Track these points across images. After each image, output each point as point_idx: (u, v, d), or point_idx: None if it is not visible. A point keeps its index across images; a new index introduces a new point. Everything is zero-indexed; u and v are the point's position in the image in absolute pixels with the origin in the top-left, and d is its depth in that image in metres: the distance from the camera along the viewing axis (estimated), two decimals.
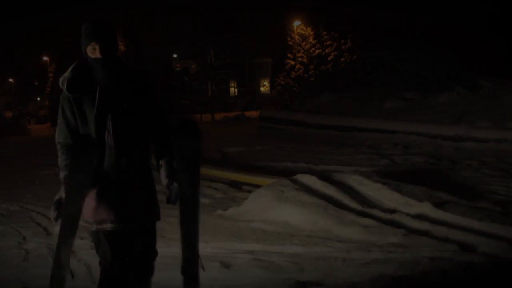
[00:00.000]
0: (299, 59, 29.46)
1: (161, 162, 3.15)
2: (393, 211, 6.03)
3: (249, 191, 7.68)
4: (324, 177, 7.14)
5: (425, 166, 9.83)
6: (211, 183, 9.05)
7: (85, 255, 5.20)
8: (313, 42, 28.94)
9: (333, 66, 27.45)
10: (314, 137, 15.34)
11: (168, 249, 5.26)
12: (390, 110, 17.49)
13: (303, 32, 29.49)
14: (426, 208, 5.94)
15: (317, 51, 28.58)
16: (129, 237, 3.16)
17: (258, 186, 7.50)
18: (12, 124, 38.09)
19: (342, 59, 27.19)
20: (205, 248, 5.24)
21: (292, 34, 29.87)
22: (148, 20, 35.49)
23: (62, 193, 2.97)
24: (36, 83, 63.03)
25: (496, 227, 5.23)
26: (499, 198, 6.90)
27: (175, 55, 40.09)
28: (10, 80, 68.03)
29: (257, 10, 33.83)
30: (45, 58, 47.71)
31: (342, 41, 27.34)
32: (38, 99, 64.84)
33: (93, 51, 2.97)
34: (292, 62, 29.72)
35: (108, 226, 3.07)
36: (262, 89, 40.46)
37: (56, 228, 6.39)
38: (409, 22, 20.38)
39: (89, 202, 3.05)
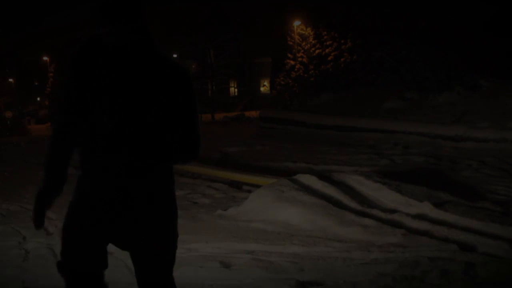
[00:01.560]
0: (299, 59, 29.45)
1: None
2: (393, 211, 6.03)
3: (249, 191, 7.68)
4: (324, 177, 7.14)
5: (425, 166, 9.84)
6: (211, 183, 9.05)
7: None
8: (313, 42, 28.93)
9: (333, 66, 27.43)
10: (314, 137, 15.34)
11: None
12: (390, 110, 17.49)
13: (303, 32, 29.48)
14: (426, 208, 5.94)
15: (317, 51, 28.56)
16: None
17: (258, 186, 7.50)
18: (12, 124, 38.09)
19: (342, 59, 27.17)
20: (205, 248, 5.24)
21: (292, 34, 29.86)
22: (147, 20, 35.51)
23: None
24: (36, 83, 63.07)
25: (496, 227, 5.23)
26: (499, 198, 6.91)
27: (175, 55, 40.09)
28: (10, 80, 68.05)
29: (257, 10, 33.85)
30: (45, 58, 47.72)
31: (342, 41, 27.32)
32: (38, 99, 64.88)
33: (107, 36, 2.27)
34: (292, 62, 29.70)
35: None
36: (262, 89, 40.43)
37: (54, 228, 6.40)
38: (409, 22, 20.38)
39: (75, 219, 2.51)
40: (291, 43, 29.90)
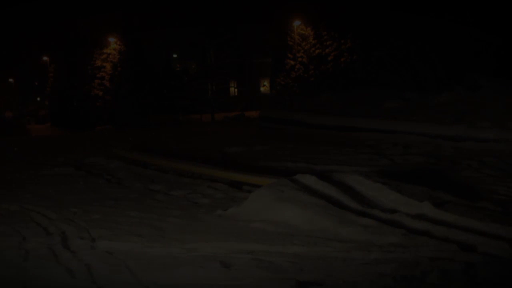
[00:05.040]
0: (299, 59, 29.46)
1: None
2: (393, 211, 6.03)
3: (249, 191, 7.67)
4: (324, 177, 7.14)
5: (425, 166, 9.83)
6: (211, 183, 9.04)
7: (85, 255, 5.20)
8: (313, 42, 28.94)
9: (333, 66, 27.45)
10: (314, 137, 15.33)
11: (168, 249, 5.27)
12: (390, 110, 17.49)
13: (303, 32, 29.50)
14: (426, 208, 5.94)
15: (317, 51, 28.58)
16: None
17: (258, 186, 7.50)
18: (12, 124, 38.09)
19: (342, 59, 27.17)
20: (205, 248, 5.24)
21: (292, 34, 29.89)
22: (148, 20, 35.48)
23: None
24: (36, 83, 63.11)
25: (496, 227, 5.23)
26: (499, 198, 6.91)
27: (175, 55, 40.10)
28: (10, 80, 68.04)
29: (257, 10, 33.85)
30: (45, 58, 47.67)
31: (342, 41, 27.33)
32: (38, 99, 64.90)
33: None
34: (292, 62, 29.73)
35: None
36: (262, 89, 40.44)
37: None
38: (409, 22, 20.39)
39: None
40: (291, 43, 29.93)
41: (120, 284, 4.47)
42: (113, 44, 35.34)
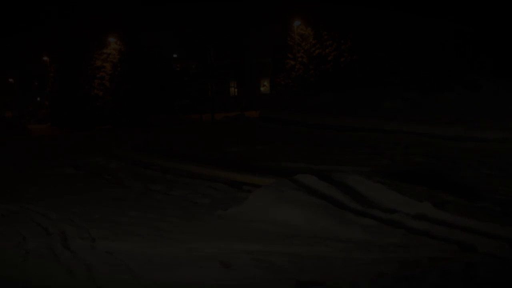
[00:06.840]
0: (299, 59, 29.46)
1: None
2: (393, 211, 6.03)
3: (249, 191, 7.68)
4: (324, 177, 7.14)
5: (425, 166, 9.84)
6: (211, 183, 9.05)
7: (85, 255, 5.20)
8: (313, 42, 28.93)
9: (333, 66, 27.43)
10: (314, 137, 15.33)
11: (168, 249, 5.27)
12: (390, 110, 17.48)
13: (303, 32, 29.49)
14: (426, 208, 5.94)
15: (317, 51, 28.56)
16: None
17: (258, 186, 7.50)
18: (12, 124, 38.09)
19: (342, 59, 27.16)
20: (205, 248, 5.24)
21: (292, 34, 29.89)
22: (148, 20, 35.47)
23: None
24: (36, 83, 63.13)
25: (496, 227, 5.23)
26: (499, 198, 6.91)
27: (175, 55, 40.08)
28: (10, 80, 68.02)
29: (257, 10, 33.84)
30: (45, 58, 47.66)
31: (342, 41, 27.31)
32: (38, 99, 64.90)
33: None
34: (292, 62, 29.73)
35: None
36: (262, 89, 40.42)
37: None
38: (409, 22, 20.39)
39: None
40: (291, 43, 29.92)
41: (120, 284, 4.48)
42: (113, 44, 35.34)
